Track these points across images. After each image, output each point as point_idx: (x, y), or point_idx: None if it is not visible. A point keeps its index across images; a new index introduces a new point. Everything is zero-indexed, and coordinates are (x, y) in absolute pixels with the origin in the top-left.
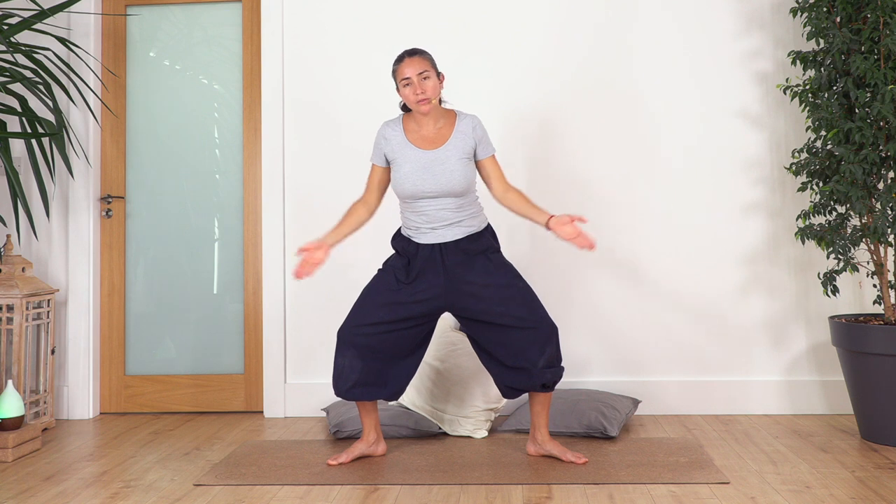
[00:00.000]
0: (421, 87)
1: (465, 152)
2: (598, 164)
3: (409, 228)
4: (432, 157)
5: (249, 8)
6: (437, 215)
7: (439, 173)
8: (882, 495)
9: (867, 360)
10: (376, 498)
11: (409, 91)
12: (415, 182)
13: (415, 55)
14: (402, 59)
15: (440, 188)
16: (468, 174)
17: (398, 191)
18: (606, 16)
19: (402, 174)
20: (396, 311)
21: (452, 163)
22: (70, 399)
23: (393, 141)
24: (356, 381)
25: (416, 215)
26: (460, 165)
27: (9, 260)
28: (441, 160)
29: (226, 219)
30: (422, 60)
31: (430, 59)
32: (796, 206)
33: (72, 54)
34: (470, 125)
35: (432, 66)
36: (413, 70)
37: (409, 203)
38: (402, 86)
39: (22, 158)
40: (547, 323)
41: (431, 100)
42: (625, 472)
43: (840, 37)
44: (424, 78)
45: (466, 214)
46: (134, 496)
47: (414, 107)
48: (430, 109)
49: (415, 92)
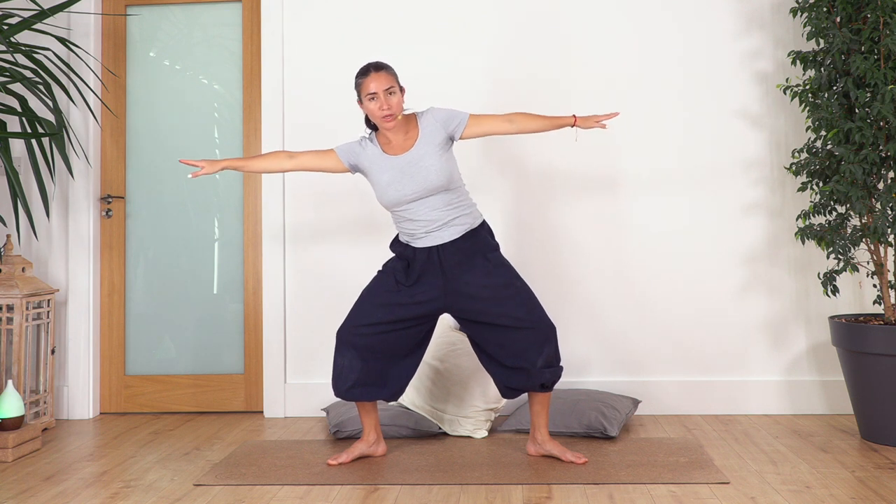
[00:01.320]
0: (387, 103)
1: (437, 144)
2: (598, 164)
3: (406, 236)
4: (406, 160)
5: (249, 8)
6: (428, 217)
7: (416, 173)
8: (882, 495)
9: (867, 360)
10: (376, 498)
11: (374, 106)
12: (396, 188)
13: (381, 70)
14: (368, 73)
15: (421, 188)
16: (445, 166)
17: (384, 202)
18: (606, 15)
19: (382, 184)
20: (395, 312)
21: (427, 159)
22: (70, 399)
23: (370, 153)
24: (356, 381)
25: (408, 223)
26: (435, 159)
27: (9, 260)
28: (415, 160)
29: (226, 219)
30: (388, 76)
31: (395, 74)
32: (796, 206)
33: (72, 54)
34: (431, 118)
35: (396, 81)
36: (379, 85)
37: (399, 212)
38: (367, 100)
39: (22, 158)
40: (545, 323)
41: (396, 116)
42: (625, 472)
43: (840, 37)
44: (390, 93)
45: (459, 212)
46: (134, 496)
47: (378, 122)
48: (395, 125)
49: (380, 107)
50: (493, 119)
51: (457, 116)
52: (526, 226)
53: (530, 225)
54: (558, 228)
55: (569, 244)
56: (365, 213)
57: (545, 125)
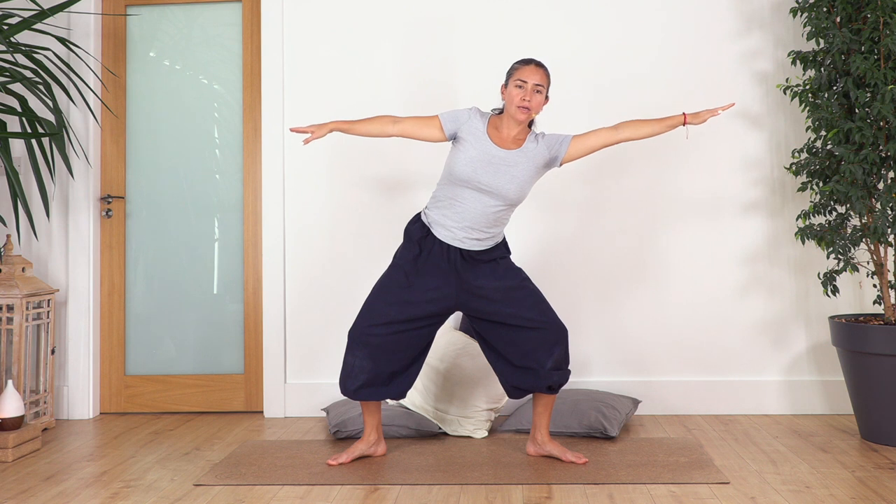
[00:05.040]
0: (531, 96)
1: (536, 163)
2: (597, 164)
3: (436, 214)
4: (502, 156)
5: (249, 8)
6: (471, 213)
7: (501, 172)
8: (882, 495)
9: (867, 360)
10: (376, 498)
11: (517, 93)
12: (475, 168)
13: (541, 67)
14: (529, 63)
15: (495, 185)
16: (525, 188)
17: (453, 169)
18: (606, 15)
19: (466, 156)
20: (408, 311)
21: (518, 169)
22: (70, 399)
23: (474, 126)
24: (365, 381)
25: (450, 205)
26: (525, 175)
27: (9, 260)
28: (510, 162)
29: (226, 219)
30: (544, 75)
31: (549, 79)
32: (796, 206)
33: (72, 54)
34: (541, 138)
35: (547, 85)
36: (533, 78)
37: (453, 187)
38: (515, 85)
39: (22, 158)
40: (557, 325)
41: (532, 113)
42: (625, 472)
43: (840, 37)
44: (537, 91)
45: (498, 229)
46: (134, 496)
47: (513, 109)
48: (526, 119)
49: (523, 98)
50: (598, 133)
51: (560, 138)
52: (527, 226)
53: (534, 227)
54: (558, 229)
55: (569, 244)
56: (365, 213)
57: (655, 129)
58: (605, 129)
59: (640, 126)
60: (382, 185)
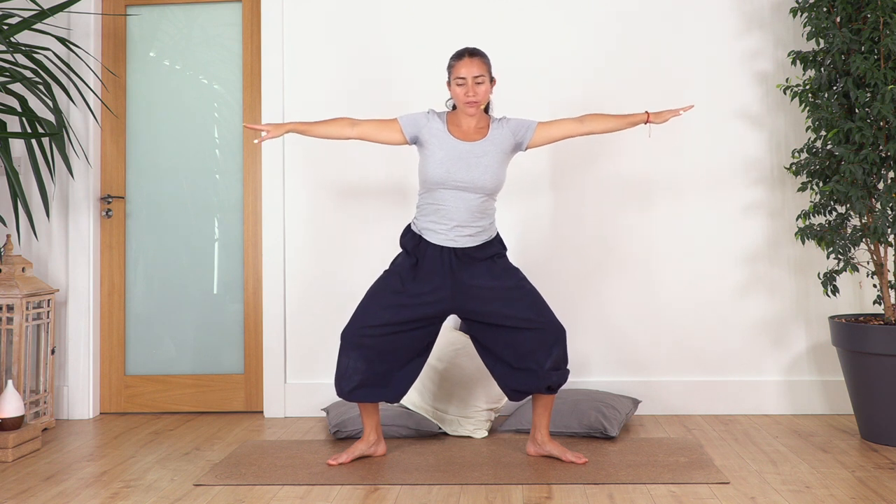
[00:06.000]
0: (473, 91)
1: (503, 149)
2: (598, 164)
3: (424, 221)
4: (468, 149)
5: (249, 8)
6: (456, 212)
7: (474, 165)
8: (882, 495)
9: (867, 360)
10: (376, 498)
11: (461, 91)
12: (448, 168)
13: (475, 56)
14: (462, 57)
15: (471, 180)
16: (500, 173)
17: (427, 176)
18: (606, 15)
19: (435, 159)
20: (401, 313)
21: (488, 158)
22: (70, 399)
23: (434, 128)
24: (359, 382)
25: (434, 210)
26: (495, 162)
27: (9, 260)
28: (478, 153)
29: (226, 219)
30: (480, 64)
31: (488, 64)
32: (796, 206)
33: (72, 54)
34: (504, 123)
35: (488, 71)
36: (469, 72)
37: (432, 193)
38: (456, 84)
39: (22, 158)
40: (555, 325)
41: (480, 105)
42: (625, 472)
43: (840, 37)
44: (479, 83)
45: (486, 222)
46: (134, 496)
47: (461, 107)
48: (477, 112)
49: (466, 94)
50: (563, 123)
51: (525, 123)
52: (527, 226)
53: (531, 225)
54: (558, 229)
55: (569, 244)
56: (366, 213)
57: (618, 124)
58: (570, 119)
59: (603, 120)
60: (382, 186)
